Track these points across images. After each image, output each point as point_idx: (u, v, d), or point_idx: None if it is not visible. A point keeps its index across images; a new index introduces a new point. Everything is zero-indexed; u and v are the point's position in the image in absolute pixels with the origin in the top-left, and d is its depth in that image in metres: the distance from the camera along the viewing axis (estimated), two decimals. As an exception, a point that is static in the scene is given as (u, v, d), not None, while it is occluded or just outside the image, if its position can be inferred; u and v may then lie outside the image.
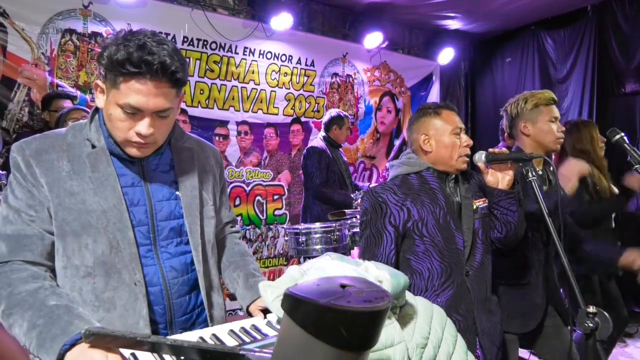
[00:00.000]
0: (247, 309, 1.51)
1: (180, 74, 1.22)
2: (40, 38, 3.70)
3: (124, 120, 1.23)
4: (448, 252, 1.81)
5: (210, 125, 4.64)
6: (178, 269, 1.39)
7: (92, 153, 1.30)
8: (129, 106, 1.20)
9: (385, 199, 1.82)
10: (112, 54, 1.17)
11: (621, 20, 5.10)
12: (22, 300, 1.15)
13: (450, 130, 1.86)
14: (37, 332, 1.09)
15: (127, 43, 1.17)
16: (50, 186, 1.25)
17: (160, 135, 1.30)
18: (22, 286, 1.17)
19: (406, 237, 1.84)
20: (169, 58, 1.19)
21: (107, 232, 1.27)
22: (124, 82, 1.18)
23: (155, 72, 1.17)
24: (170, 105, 1.26)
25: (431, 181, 1.87)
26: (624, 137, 2.32)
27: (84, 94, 3.91)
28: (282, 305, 0.61)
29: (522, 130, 2.33)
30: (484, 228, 1.91)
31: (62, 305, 1.15)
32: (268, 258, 5.07)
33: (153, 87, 1.19)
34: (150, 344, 0.86)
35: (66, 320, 1.10)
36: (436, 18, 5.80)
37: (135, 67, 1.16)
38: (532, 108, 2.30)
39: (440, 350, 1.12)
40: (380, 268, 1.04)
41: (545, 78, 5.83)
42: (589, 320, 1.36)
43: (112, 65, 1.18)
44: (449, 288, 1.81)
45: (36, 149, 1.27)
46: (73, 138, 1.32)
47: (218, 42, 4.59)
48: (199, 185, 1.46)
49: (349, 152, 5.79)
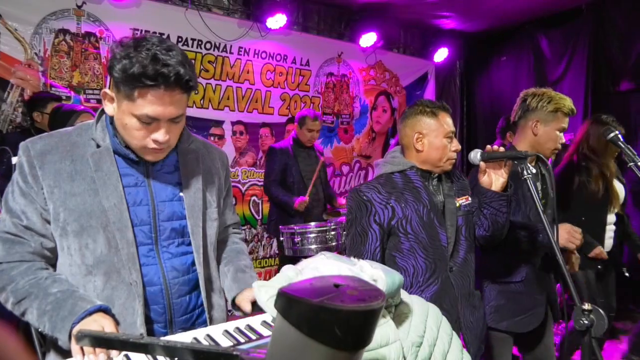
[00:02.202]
0: (232, 302, 1.52)
1: (192, 82, 1.26)
2: (33, 38, 3.68)
3: (140, 129, 1.26)
4: (432, 249, 1.85)
5: (206, 125, 4.63)
6: (179, 269, 1.41)
7: (96, 152, 1.33)
8: (145, 117, 1.23)
9: (370, 197, 1.85)
10: (127, 68, 1.18)
11: (616, 19, 5.12)
12: (28, 292, 1.25)
13: (445, 134, 1.87)
14: (47, 317, 1.21)
15: (138, 55, 1.18)
16: (51, 188, 1.28)
17: (173, 139, 1.34)
18: (23, 280, 1.26)
19: (391, 234, 1.87)
20: (182, 67, 1.21)
21: (106, 232, 1.30)
22: (139, 95, 1.20)
23: (170, 83, 1.20)
24: (183, 111, 1.30)
25: (415, 180, 1.90)
26: (619, 134, 2.33)
27: (78, 94, 3.89)
28: (275, 305, 0.60)
29: (532, 128, 2.29)
30: (467, 225, 1.94)
31: (65, 290, 1.26)
32: (264, 258, 5.06)
33: (167, 97, 1.22)
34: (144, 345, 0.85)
35: (71, 303, 1.22)
36: (431, 17, 5.81)
37: (152, 80, 1.18)
38: (552, 111, 2.25)
39: (435, 349, 1.12)
40: (375, 267, 1.04)
41: (541, 77, 5.84)
42: (584, 318, 1.35)
43: (127, 79, 1.19)
44: (433, 284, 1.85)
45: (41, 150, 1.31)
46: (78, 137, 1.36)
47: (213, 42, 4.58)
48: (202, 187, 1.48)
49: (344, 152, 5.80)
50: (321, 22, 5.48)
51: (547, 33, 5.77)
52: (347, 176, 5.83)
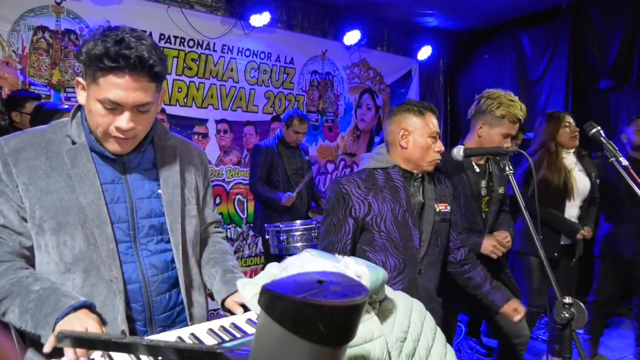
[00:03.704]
0: (222, 304, 1.51)
1: (158, 68, 1.23)
2: (11, 35, 3.60)
3: (104, 115, 1.24)
4: (404, 249, 1.88)
5: (189, 123, 4.58)
6: (158, 266, 1.40)
7: (72, 149, 1.31)
8: (108, 101, 1.21)
9: (348, 190, 1.89)
10: (90, 49, 1.18)
11: (594, 18, 5.20)
12: (9, 291, 1.22)
13: (429, 133, 1.91)
14: (30, 314, 1.19)
15: (105, 38, 1.18)
16: (26, 185, 1.26)
17: (140, 130, 1.31)
18: (4, 280, 1.23)
19: (365, 229, 1.91)
20: (147, 52, 1.19)
21: (84, 229, 1.28)
22: (102, 77, 1.19)
23: (133, 66, 1.18)
24: (150, 100, 1.26)
25: (396, 179, 1.93)
26: (600, 130, 2.37)
27: (58, 93, 3.83)
28: (259, 302, 0.60)
29: (477, 129, 2.38)
30: (442, 231, 1.99)
31: (47, 287, 1.23)
32: (249, 257, 5.04)
33: (132, 82, 1.20)
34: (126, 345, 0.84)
35: (54, 299, 1.20)
36: (414, 15, 5.84)
37: (113, 61, 1.16)
38: (498, 116, 2.31)
39: (419, 344, 1.13)
40: (360, 263, 1.04)
41: (522, 75, 5.91)
42: (565, 311, 1.39)
43: (90, 60, 1.18)
44: (399, 283, 1.89)
45: (15, 147, 1.28)
46: (53, 134, 1.34)
47: (196, 40, 4.54)
48: (181, 183, 1.47)
49: (329, 150, 5.80)
50: (305, 20, 5.46)
51: (528, 32, 5.83)
52: (332, 174, 5.84)
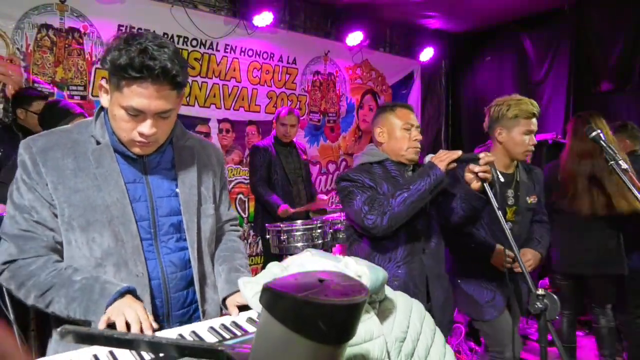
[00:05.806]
0: (223, 302, 1.53)
1: (180, 77, 1.27)
2: (15, 33, 3.61)
3: (128, 121, 1.28)
4: (411, 231, 2.07)
5: (192, 123, 4.59)
6: (177, 264, 1.44)
7: (97, 149, 1.36)
8: (131, 109, 1.25)
9: (358, 177, 2.06)
10: (115, 58, 1.21)
11: (595, 20, 5.21)
12: (51, 283, 1.27)
13: (401, 125, 2.12)
14: (77, 302, 1.24)
15: (129, 47, 1.21)
16: (55, 184, 1.31)
17: (161, 134, 1.36)
18: (44, 272, 1.28)
19: None
20: (170, 62, 1.23)
21: (111, 226, 1.33)
22: (126, 86, 1.23)
23: (156, 76, 1.22)
24: (171, 107, 1.31)
25: (392, 170, 2.14)
26: (600, 134, 2.38)
27: (61, 91, 3.84)
28: (260, 300, 0.61)
29: (497, 136, 2.40)
30: (438, 213, 2.18)
31: (89, 276, 1.29)
32: (250, 256, 5.05)
33: (154, 91, 1.24)
34: (128, 341, 0.85)
35: (99, 287, 1.26)
36: (417, 17, 5.85)
37: (137, 72, 1.20)
38: (512, 117, 2.35)
39: (419, 344, 1.14)
40: (360, 263, 1.05)
41: (524, 77, 5.92)
42: (538, 302, 1.49)
43: (115, 70, 1.22)
44: (409, 262, 2.06)
45: (42, 147, 1.33)
46: (79, 134, 1.38)
47: (199, 39, 4.55)
48: (197, 183, 1.51)
49: (331, 150, 5.81)
50: (307, 21, 5.47)
51: (530, 34, 5.84)
52: (334, 174, 5.85)
